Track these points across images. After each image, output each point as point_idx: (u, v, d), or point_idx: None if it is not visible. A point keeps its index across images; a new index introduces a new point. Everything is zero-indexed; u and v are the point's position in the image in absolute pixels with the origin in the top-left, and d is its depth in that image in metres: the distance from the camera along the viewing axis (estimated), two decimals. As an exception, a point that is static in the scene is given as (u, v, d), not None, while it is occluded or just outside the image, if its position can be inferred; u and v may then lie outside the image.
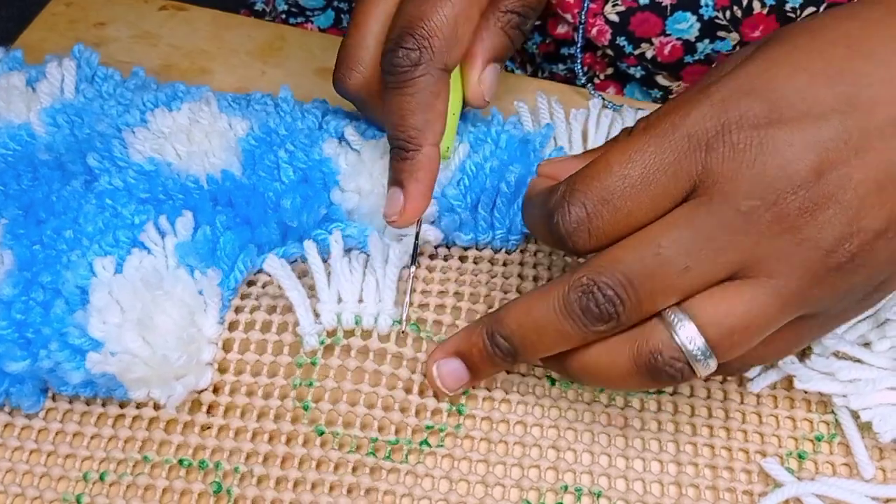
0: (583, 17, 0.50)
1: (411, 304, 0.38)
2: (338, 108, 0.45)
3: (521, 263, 0.41)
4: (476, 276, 0.40)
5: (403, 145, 0.37)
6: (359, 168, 0.41)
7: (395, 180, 0.37)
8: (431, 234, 0.40)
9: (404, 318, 0.37)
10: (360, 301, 0.37)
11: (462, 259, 0.41)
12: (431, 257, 0.41)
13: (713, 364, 0.29)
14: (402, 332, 0.37)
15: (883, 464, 0.35)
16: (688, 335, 0.29)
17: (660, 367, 0.29)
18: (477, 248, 0.42)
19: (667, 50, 0.50)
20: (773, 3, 0.47)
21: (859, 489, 0.34)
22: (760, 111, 0.28)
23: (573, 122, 0.45)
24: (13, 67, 0.46)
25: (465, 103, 0.41)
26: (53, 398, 0.37)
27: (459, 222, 0.40)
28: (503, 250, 0.42)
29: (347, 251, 0.39)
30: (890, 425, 0.35)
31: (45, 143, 0.43)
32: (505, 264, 0.41)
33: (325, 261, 0.38)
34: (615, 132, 0.44)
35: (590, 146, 0.44)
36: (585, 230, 0.29)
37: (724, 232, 0.28)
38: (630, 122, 0.44)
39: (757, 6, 0.47)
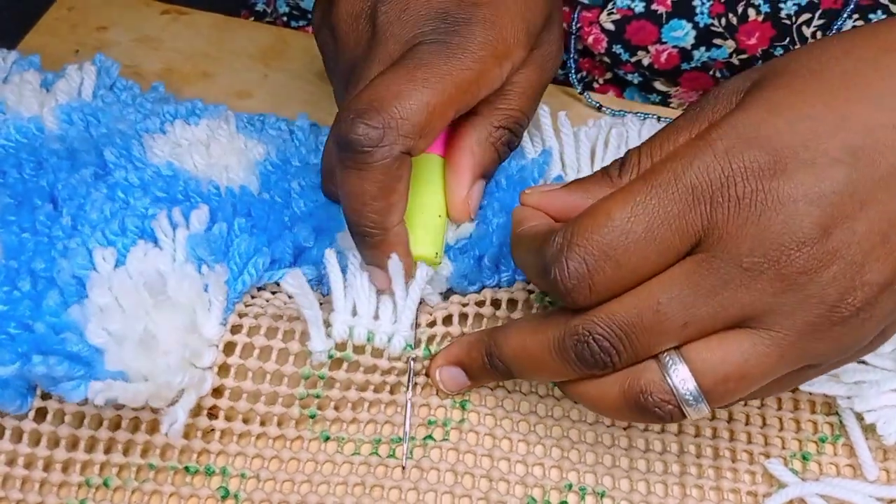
0: (574, 28, 0.50)
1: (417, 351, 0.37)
2: None
3: (530, 290, 0.39)
4: (479, 308, 0.39)
5: (367, 232, 0.34)
6: None
7: (371, 263, 0.35)
8: (430, 300, 0.38)
9: (405, 455, 0.36)
10: (376, 318, 0.35)
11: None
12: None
13: (705, 409, 0.29)
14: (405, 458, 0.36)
15: (887, 465, 0.35)
16: (680, 378, 0.29)
17: (649, 406, 0.29)
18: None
19: (663, 57, 0.50)
20: (769, 10, 0.47)
21: (863, 490, 0.34)
22: (765, 162, 0.27)
23: (583, 139, 0.44)
24: (27, 69, 0.45)
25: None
26: (42, 397, 0.35)
27: (467, 282, 0.39)
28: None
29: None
30: (894, 427, 0.35)
31: (56, 136, 0.42)
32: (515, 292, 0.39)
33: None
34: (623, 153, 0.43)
35: (597, 167, 0.43)
36: (586, 286, 0.28)
37: (725, 289, 0.27)
38: (633, 132, 0.44)
39: (752, 13, 0.47)
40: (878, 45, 0.29)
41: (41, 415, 0.35)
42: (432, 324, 0.37)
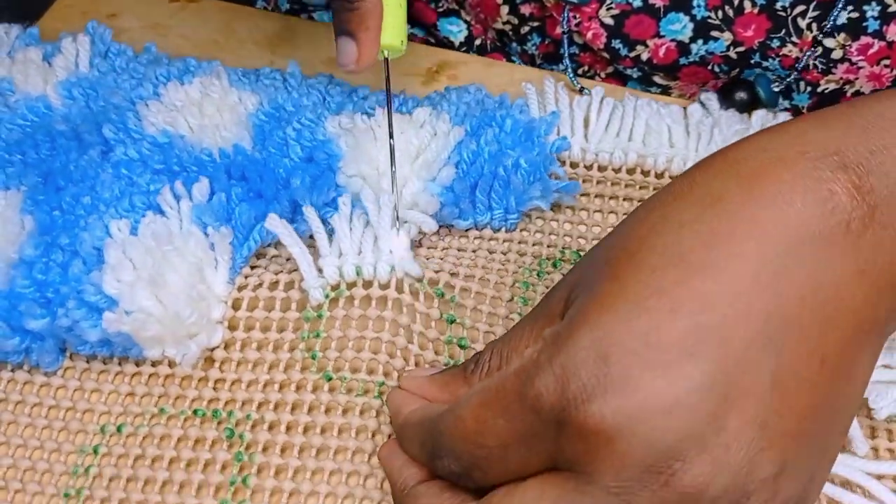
0: (565, 27, 0.51)
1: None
2: (341, 82, 0.47)
3: (521, 242, 0.42)
4: (475, 251, 0.42)
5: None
6: (357, 153, 0.42)
7: (345, 31, 0.38)
8: (426, 225, 0.41)
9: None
10: (360, 253, 0.39)
11: (462, 238, 0.43)
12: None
13: None
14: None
15: (876, 442, 0.36)
16: None
17: None
18: (476, 229, 0.43)
19: (661, 52, 0.50)
20: (764, 2, 0.48)
21: (852, 464, 0.34)
22: (602, 378, 0.24)
23: (576, 109, 0.46)
24: (29, 44, 0.48)
25: None
26: (71, 357, 0.38)
27: (459, 212, 0.42)
28: (503, 229, 0.43)
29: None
30: (885, 402, 0.35)
31: (61, 114, 0.44)
32: (504, 242, 0.43)
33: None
34: (615, 121, 0.46)
35: (590, 132, 0.46)
36: (472, 474, 0.28)
37: None
38: (629, 111, 0.46)
39: (748, 5, 0.48)
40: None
41: (70, 372, 0.38)
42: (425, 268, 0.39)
